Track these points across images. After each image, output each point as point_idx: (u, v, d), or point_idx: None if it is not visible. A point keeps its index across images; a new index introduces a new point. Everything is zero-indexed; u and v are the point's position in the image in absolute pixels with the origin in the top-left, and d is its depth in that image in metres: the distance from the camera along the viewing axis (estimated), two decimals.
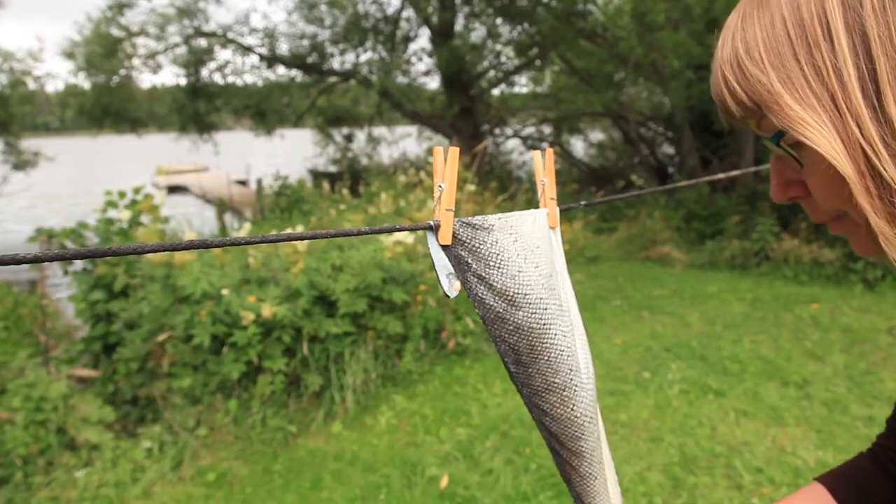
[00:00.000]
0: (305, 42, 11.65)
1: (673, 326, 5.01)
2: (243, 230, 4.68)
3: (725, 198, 7.86)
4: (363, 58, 11.15)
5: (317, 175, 13.10)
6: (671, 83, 7.71)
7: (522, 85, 13.40)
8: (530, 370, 0.58)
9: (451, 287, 0.55)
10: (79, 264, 4.15)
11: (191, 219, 9.24)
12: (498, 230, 0.56)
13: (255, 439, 3.44)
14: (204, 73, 12.15)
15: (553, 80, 11.96)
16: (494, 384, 4.06)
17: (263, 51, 11.77)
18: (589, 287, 6.38)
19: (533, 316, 0.56)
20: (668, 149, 12.32)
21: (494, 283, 0.55)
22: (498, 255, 0.55)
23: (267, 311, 3.36)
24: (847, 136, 0.50)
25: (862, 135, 0.50)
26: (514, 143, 14.02)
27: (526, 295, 0.56)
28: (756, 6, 0.57)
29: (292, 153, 15.60)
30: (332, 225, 4.92)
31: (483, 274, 0.55)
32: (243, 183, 18.93)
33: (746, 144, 8.20)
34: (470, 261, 0.55)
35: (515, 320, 0.56)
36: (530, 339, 0.57)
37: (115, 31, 11.47)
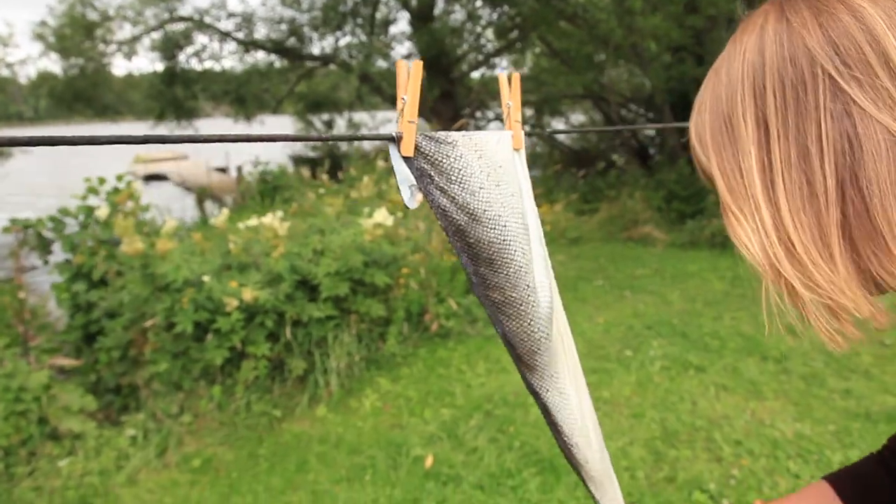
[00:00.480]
0: (283, 26, 11.53)
1: (654, 305, 5.06)
2: (221, 217, 4.66)
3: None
4: (342, 42, 11.06)
5: (297, 161, 13.01)
6: (651, 65, 7.72)
7: (503, 68, 13.38)
8: (489, 283, 0.60)
9: (413, 199, 0.56)
10: (59, 255, 4.11)
11: (170, 207, 9.17)
12: (462, 145, 0.56)
13: (239, 425, 3.44)
14: (181, 58, 11.99)
15: (534, 63, 11.93)
16: (478, 365, 4.08)
17: (241, 35, 11.64)
18: (571, 268, 6.42)
19: (492, 231, 0.58)
20: (649, 130, 12.36)
21: (456, 197, 0.56)
22: (460, 170, 0.56)
23: (249, 295, 3.35)
24: (755, 225, 0.55)
25: (762, 222, 0.54)
26: (495, 126, 14.01)
27: (485, 211, 0.57)
28: (713, 74, 0.60)
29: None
30: (313, 209, 4.91)
31: (444, 187, 0.56)
32: (223, 170, 18.76)
33: None
34: (432, 173, 0.55)
35: (476, 234, 0.57)
36: (490, 252, 0.58)
37: (91, 14, 11.27)
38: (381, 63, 10.48)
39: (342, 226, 4.02)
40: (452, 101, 10.94)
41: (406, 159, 0.55)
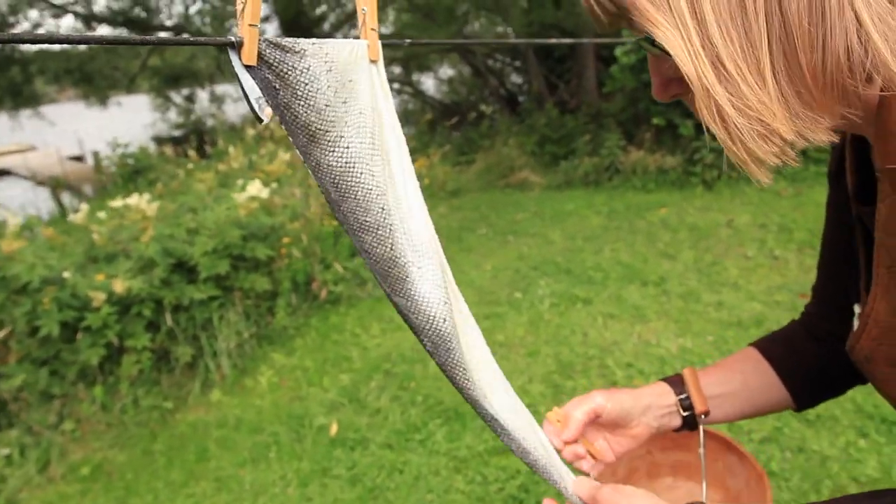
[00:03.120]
0: None
1: (538, 246, 5.16)
2: (80, 214, 4.30)
3: (573, 119, 8.11)
4: (193, 8, 10.37)
5: (161, 141, 12.26)
6: (511, 11, 7.75)
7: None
8: (342, 207, 0.55)
9: (262, 112, 0.49)
10: None
11: (23, 204, 8.44)
12: (311, 56, 0.49)
13: (128, 423, 3.24)
14: None
15: (396, 19, 11.72)
16: (372, 326, 4.03)
17: (79, 8, 10.68)
18: (453, 220, 6.44)
19: (331, 154, 0.52)
20: (517, 78, 12.52)
21: (299, 115, 0.50)
22: (307, 84, 0.49)
23: (120, 286, 3.12)
24: (683, 37, 0.50)
25: (688, 37, 0.50)
26: None
27: (326, 132, 0.51)
28: None
29: (132, 122, 14.47)
30: (182, 188, 4.62)
31: (289, 103, 0.49)
32: (79, 159, 17.43)
33: (587, 65, 8.46)
34: (277, 86, 0.48)
35: (314, 157, 0.52)
36: (332, 176, 0.53)
37: None
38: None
39: (215, 201, 3.82)
40: None
41: (248, 68, 0.47)
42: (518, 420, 0.78)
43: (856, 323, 0.71)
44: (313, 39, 0.49)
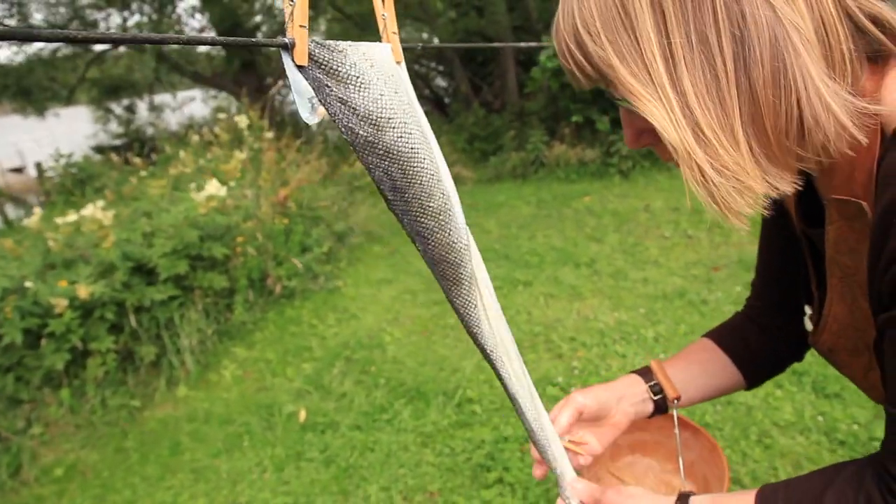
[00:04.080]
0: (63, 9, 10.06)
1: (476, 235, 5.10)
2: (34, 218, 4.05)
3: (499, 118, 8.17)
4: (131, 21, 9.86)
5: (102, 150, 11.65)
6: (438, 20, 7.73)
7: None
8: (407, 195, 0.52)
9: (314, 113, 0.46)
10: None
11: None
12: (353, 54, 0.47)
13: (97, 423, 3.07)
14: None
15: (328, 27, 11.52)
16: (328, 317, 3.96)
17: (13, 22, 10.01)
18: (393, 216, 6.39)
19: (400, 140, 0.50)
20: (441, 81, 12.55)
21: (358, 107, 0.47)
22: (358, 77, 0.47)
23: (83, 291, 2.95)
24: (665, 108, 0.52)
25: (671, 108, 0.52)
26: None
27: (390, 119, 0.49)
28: None
29: (72, 133, 13.70)
30: (135, 193, 4.40)
31: (344, 97, 0.46)
32: (19, 170, 16.42)
33: (508, 68, 8.53)
34: (329, 83, 0.46)
35: (384, 144, 0.49)
36: (401, 163, 0.51)
37: None
38: None
39: (171, 203, 3.65)
40: (255, 71, 10.29)
41: (300, 68, 0.44)
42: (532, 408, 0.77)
43: (807, 322, 0.80)
44: (348, 42, 0.47)
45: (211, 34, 9.59)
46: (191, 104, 13.33)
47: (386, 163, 0.50)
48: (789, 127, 0.52)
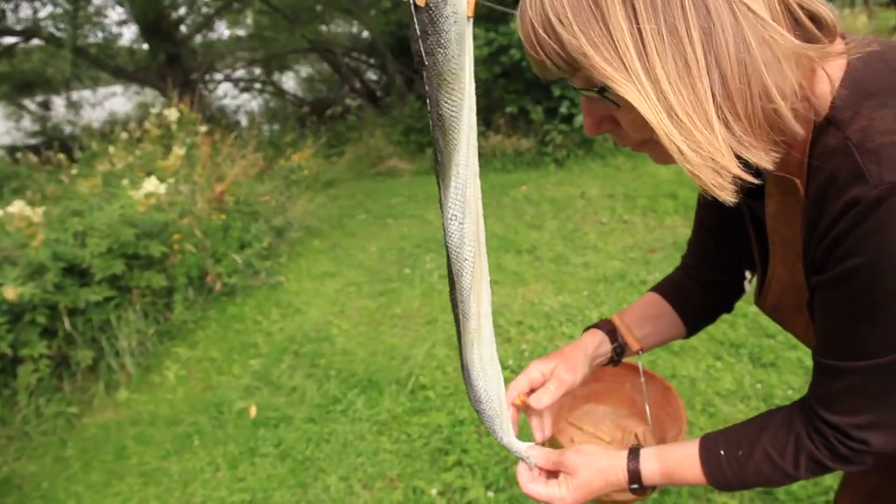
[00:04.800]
0: None
1: (417, 226, 5.19)
2: None
3: None
4: (43, 12, 9.29)
5: (15, 150, 10.95)
6: (369, 12, 7.66)
7: (227, 28, 12.40)
8: (453, 160, 0.54)
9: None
10: None
11: None
12: (448, 5, 0.49)
13: (32, 433, 2.93)
14: None
15: (255, 21, 11.20)
16: (272, 313, 3.89)
17: None
18: (333, 208, 6.31)
19: (447, 103, 0.52)
20: (372, 75, 12.45)
21: (438, 62, 0.49)
22: (447, 32, 0.49)
23: (11, 293, 2.79)
24: (641, 93, 0.55)
25: (646, 93, 0.55)
26: (227, 87, 13.07)
27: (451, 82, 0.50)
28: None
29: None
30: (62, 192, 4.18)
31: (433, 50, 0.48)
32: None
33: None
34: (429, 31, 0.47)
35: (439, 101, 0.51)
36: (457, 122, 0.52)
37: None
38: (98, 34, 9.04)
39: (105, 202, 3.50)
40: (180, 64, 9.91)
41: (417, 10, 0.48)
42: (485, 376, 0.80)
43: (747, 286, 0.89)
44: None
45: (132, 28, 9.20)
46: (112, 100, 12.71)
47: (442, 122, 0.52)
48: (757, 111, 0.55)
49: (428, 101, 0.51)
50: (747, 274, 0.94)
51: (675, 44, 0.53)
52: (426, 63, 0.48)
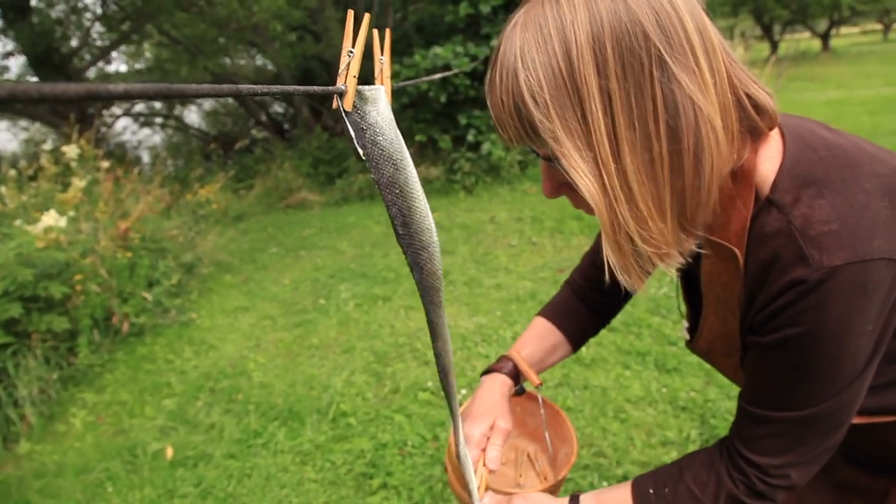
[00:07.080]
0: None
1: (330, 257, 5.19)
2: None
3: (342, 141, 8.22)
4: None
5: None
6: (274, 45, 7.64)
7: (124, 61, 11.95)
8: (411, 230, 0.58)
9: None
10: None
11: None
12: (378, 99, 0.54)
13: None
14: None
15: (155, 54, 10.89)
16: (184, 350, 3.78)
17: None
18: (243, 242, 6.20)
19: (409, 178, 0.56)
20: (279, 108, 12.34)
21: (385, 148, 0.53)
22: (380, 119, 0.53)
23: None
24: (605, 184, 0.58)
25: (612, 184, 0.58)
26: (125, 122, 12.59)
27: (402, 159, 0.55)
28: (535, 31, 0.58)
29: None
30: None
31: (375, 139, 0.53)
32: None
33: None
34: (363, 126, 0.52)
35: (399, 183, 0.55)
36: (409, 200, 0.56)
37: None
38: None
39: None
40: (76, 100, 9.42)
41: (347, 113, 0.51)
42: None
43: (684, 331, 0.95)
44: (369, 86, 0.52)
45: (20, 59, 8.72)
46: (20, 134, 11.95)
47: (401, 200, 0.56)
48: (705, 200, 0.61)
49: (378, 185, 0.55)
50: (684, 322, 0.99)
51: (645, 137, 0.56)
52: (375, 152, 0.53)
